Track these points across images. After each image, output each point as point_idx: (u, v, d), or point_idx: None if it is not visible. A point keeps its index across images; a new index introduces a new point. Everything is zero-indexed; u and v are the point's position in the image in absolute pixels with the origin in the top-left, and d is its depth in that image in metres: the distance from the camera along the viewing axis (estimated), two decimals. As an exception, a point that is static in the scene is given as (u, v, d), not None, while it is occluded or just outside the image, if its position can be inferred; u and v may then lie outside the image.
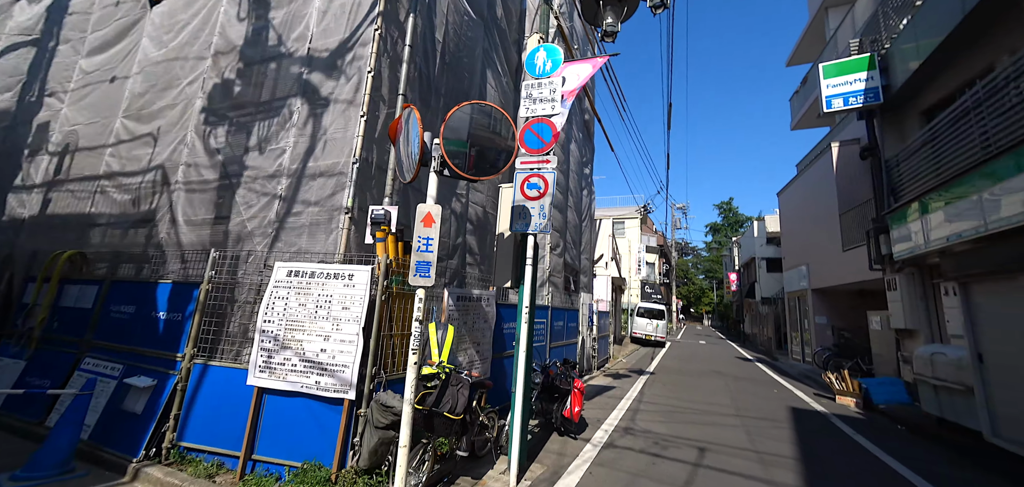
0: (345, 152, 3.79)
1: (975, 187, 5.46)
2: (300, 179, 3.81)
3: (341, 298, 3.17)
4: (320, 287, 3.21)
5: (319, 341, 3.08)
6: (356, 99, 3.93)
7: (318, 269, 3.26)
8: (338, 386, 2.97)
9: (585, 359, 9.98)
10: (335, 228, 3.63)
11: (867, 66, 8.64)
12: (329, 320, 3.12)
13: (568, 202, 9.55)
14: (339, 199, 3.68)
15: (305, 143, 3.91)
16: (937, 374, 5.65)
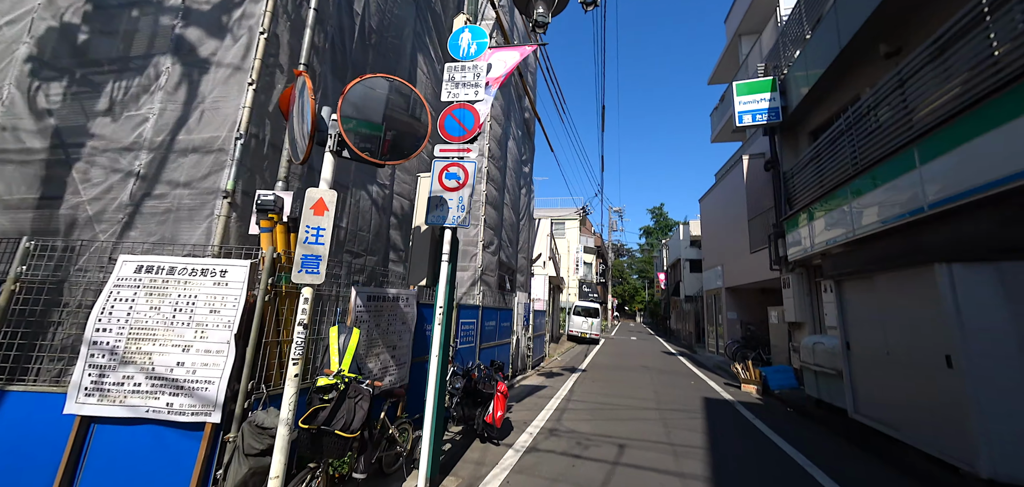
0: (227, 125, 3.18)
1: (846, 199, 6.30)
2: (166, 154, 3.12)
3: (209, 299, 2.61)
4: (181, 286, 2.61)
5: (176, 353, 2.49)
6: (245, 64, 3.34)
7: (180, 264, 2.66)
8: (198, 407, 2.42)
9: (519, 359, 9.93)
10: (210, 215, 3.02)
11: (770, 88, 9.70)
12: (191, 326, 2.55)
13: (504, 200, 9.41)
14: (216, 180, 3.08)
15: (175, 111, 3.22)
16: (817, 361, 6.42)
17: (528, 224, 12.58)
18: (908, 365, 4.53)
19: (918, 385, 4.38)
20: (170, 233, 2.98)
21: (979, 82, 4.10)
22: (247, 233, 3.16)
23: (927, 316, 4.23)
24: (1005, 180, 3.71)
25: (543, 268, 14.16)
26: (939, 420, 4.09)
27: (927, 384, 4.25)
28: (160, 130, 3.11)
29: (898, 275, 4.75)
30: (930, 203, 4.55)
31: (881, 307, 5.01)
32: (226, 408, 2.49)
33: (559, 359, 12.57)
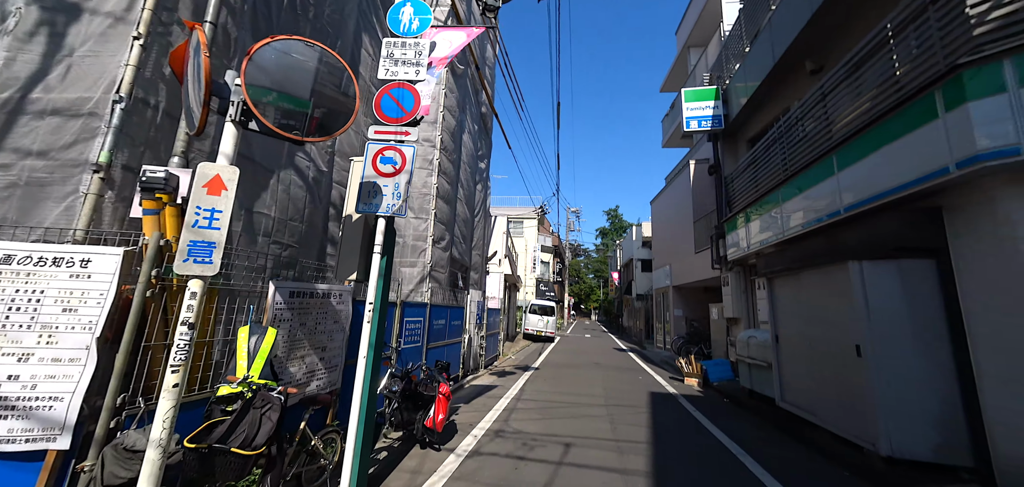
0: (102, 85, 2.64)
1: (776, 203, 6.75)
2: (14, 116, 2.52)
3: (62, 296, 2.11)
4: (20, 280, 2.09)
5: (8, 364, 1.98)
6: (130, 16, 2.80)
7: (18, 251, 2.13)
8: (37, 431, 1.94)
9: (472, 358, 9.68)
10: (74, 193, 2.48)
11: (714, 97, 10.26)
12: (34, 329, 2.05)
13: (458, 194, 9.11)
14: (84, 151, 2.54)
15: (30, 63, 2.60)
16: (751, 354, 6.83)
17: (484, 221, 12.35)
18: (826, 356, 4.88)
19: (834, 374, 4.73)
20: (15, 213, 2.39)
21: (884, 98, 4.49)
22: (129, 216, 2.64)
23: (842, 310, 4.58)
24: (905, 186, 4.08)
25: (499, 266, 14.00)
26: (849, 405, 4.43)
27: (841, 372, 4.59)
28: (5, 85, 2.50)
29: (820, 273, 5.11)
30: (846, 206, 4.94)
31: (806, 303, 5.38)
32: (82, 430, 2.02)
33: (513, 357, 12.47)
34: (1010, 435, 3.39)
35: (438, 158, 7.50)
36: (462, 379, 8.15)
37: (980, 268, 3.69)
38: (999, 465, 3.47)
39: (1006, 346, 3.46)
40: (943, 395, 3.81)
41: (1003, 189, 3.50)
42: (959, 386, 3.79)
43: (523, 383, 8.26)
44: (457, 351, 8.14)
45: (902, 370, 3.95)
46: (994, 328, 3.57)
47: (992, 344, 3.58)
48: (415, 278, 6.96)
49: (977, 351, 3.68)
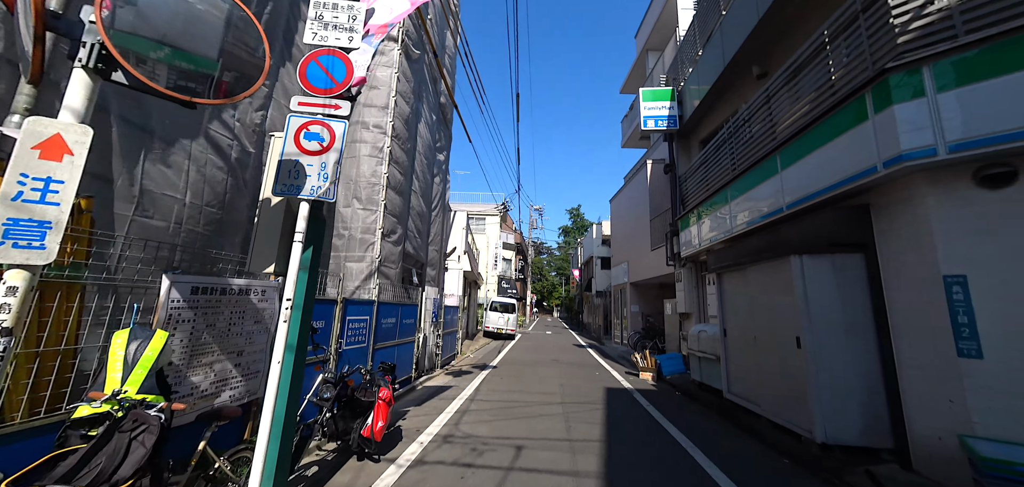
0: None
1: (725, 201, 6.98)
2: None
3: None
4: None
5: None
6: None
7: None
8: None
9: (427, 358, 9.25)
10: None
11: (670, 97, 10.54)
12: None
13: (413, 186, 8.64)
14: None
15: None
16: (701, 348, 7.02)
17: (442, 215, 11.90)
18: (770, 348, 5.05)
19: (777, 365, 4.90)
20: None
21: (821, 101, 4.69)
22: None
23: (785, 304, 4.74)
24: (839, 184, 4.27)
25: (458, 262, 13.60)
26: (790, 395, 4.60)
27: (783, 364, 4.76)
28: None
29: (765, 268, 5.28)
30: (788, 204, 5.13)
31: (752, 297, 5.55)
32: None
33: (472, 356, 12.16)
34: (923, 417, 3.62)
35: (389, 146, 7.01)
36: (415, 380, 7.73)
37: (900, 262, 3.92)
38: (914, 444, 3.70)
39: (920, 335, 3.69)
40: (869, 382, 4.02)
41: (920, 188, 3.72)
42: (882, 373, 4.01)
43: (479, 382, 7.99)
44: (409, 351, 7.70)
45: (836, 360, 4.13)
46: (910, 318, 3.80)
47: (909, 334, 3.81)
48: (362, 273, 6.45)
49: (897, 340, 3.91)
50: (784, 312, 4.76)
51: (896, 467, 3.73)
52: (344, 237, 6.48)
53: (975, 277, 3.34)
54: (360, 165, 6.73)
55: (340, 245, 6.47)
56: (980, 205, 3.40)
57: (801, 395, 4.35)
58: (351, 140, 6.83)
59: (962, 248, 3.43)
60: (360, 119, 6.88)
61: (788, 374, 4.64)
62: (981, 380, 3.21)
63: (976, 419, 3.18)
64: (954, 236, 3.48)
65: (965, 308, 3.34)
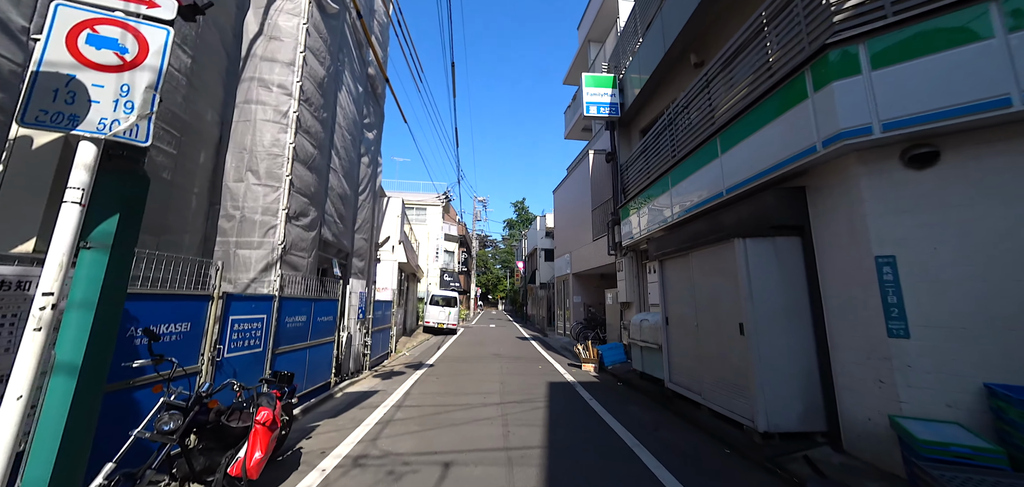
0: None
1: (665, 188, 6.92)
2: None
3: None
4: None
5: None
6: None
7: None
8: None
9: (352, 359, 8.18)
10: None
11: (611, 84, 10.46)
12: None
13: (332, 163, 7.47)
14: None
15: None
16: (643, 337, 6.91)
17: (372, 201, 10.71)
18: (712, 335, 4.95)
19: (718, 353, 4.81)
20: None
21: (761, 83, 4.62)
22: None
23: (728, 289, 4.63)
24: (778, 166, 4.20)
25: (392, 253, 12.46)
26: (732, 384, 4.50)
27: (725, 352, 4.66)
28: None
29: (708, 253, 5.18)
30: (728, 188, 5.06)
31: (694, 283, 5.44)
32: None
33: (407, 354, 11.20)
34: (854, 398, 3.64)
35: (296, 111, 5.84)
36: (335, 387, 6.69)
37: (834, 244, 3.93)
38: (845, 426, 3.72)
39: (853, 317, 3.70)
40: (807, 367, 4.00)
41: (853, 169, 3.71)
42: (817, 358, 4.02)
43: (411, 384, 7.16)
44: (327, 354, 6.62)
45: (778, 346, 4.06)
46: (843, 301, 3.81)
47: (841, 316, 3.82)
48: (260, 263, 5.28)
49: (831, 322, 3.93)
50: (726, 298, 4.66)
51: (829, 449, 3.72)
52: (234, 219, 5.24)
53: (903, 257, 3.37)
54: (257, 131, 5.50)
55: (229, 228, 5.22)
56: (907, 185, 3.43)
57: (744, 383, 4.25)
58: (245, 100, 5.56)
59: (891, 229, 3.45)
60: (257, 75, 5.62)
61: (730, 362, 4.54)
62: (908, 359, 3.23)
63: (904, 398, 3.19)
64: (884, 217, 3.49)
65: (894, 288, 3.35)
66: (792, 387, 3.97)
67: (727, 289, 4.62)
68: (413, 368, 8.99)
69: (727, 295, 4.62)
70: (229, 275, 5.07)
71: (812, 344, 4.03)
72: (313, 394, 5.94)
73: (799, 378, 3.98)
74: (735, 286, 4.41)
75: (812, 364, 4.00)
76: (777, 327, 4.09)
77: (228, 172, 5.32)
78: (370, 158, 10.53)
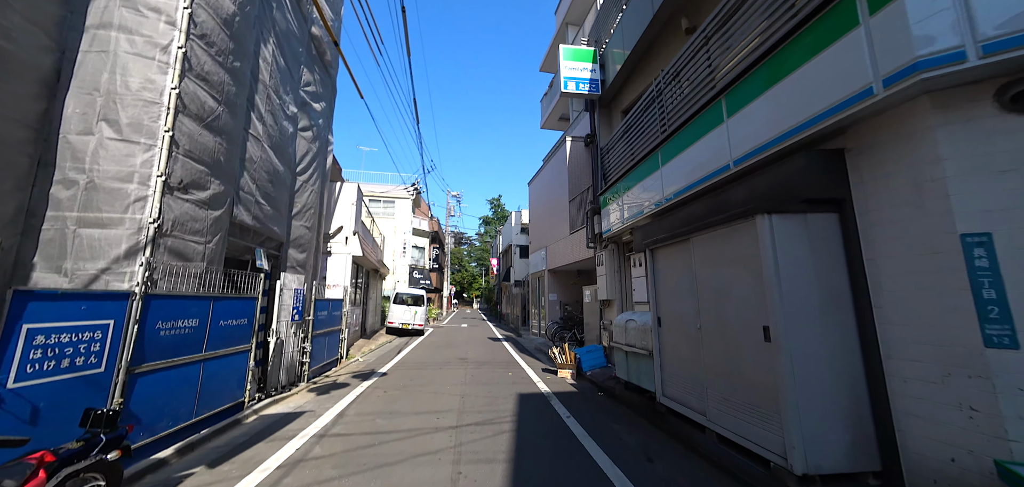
0: None
1: (655, 167, 5.89)
2: None
3: None
4: None
5: None
6: None
7: None
8: None
9: (283, 370, 6.74)
10: None
11: (592, 59, 9.44)
12: None
13: (253, 129, 6.02)
14: None
15: None
16: (628, 340, 5.89)
17: (320, 183, 9.21)
18: (720, 339, 3.95)
19: (730, 363, 3.80)
20: None
21: (779, 26, 3.65)
22: None
23: (742, 281, 3.63)
24: (813, 122, 3.22)
25: (346, 245, 10.96)
26: (749, 403, 3.50)
27: (739, 361, 3.65)
28: None
29: (715, 237, 4.17)
30: (738, 158, 4.05)
31: (695, 276, 4.43)
32: None
33: (361, 360, 9.76)
34: (923, 430, 2.68)
35: (183, 47, 4.37)
36: (249, 407, 5.26)
37: (890, 220, 2.97)
38: (910, 465, 2.76)
39: (917, 317, 2.76)
40: (851, 380, 3.04)
41: (925, 119, 2.75)
42: (864, 368, 3.06)
43: (350, 401, 5.83)
44: (236, 367, 5.18)
45: (813, 354, 3.07)
46: (903, 295, 2.86)
47: (902, 316, 2.87)
48: (118, 246, 3.80)
49: (883, 324, 2.97)
50: (741, 292, 3.65)
51: (887, 496, 2.77)
52: (76, 185, 3.73)
53: (1004, 235, 2.42)
54: (119, 68, 4.01)
55: (68, 199, 3.71)
56: (1008, 136, 2.49)
57: (768, 404, 3.25)
58: (100, 24, 4.04)
59: (984, 197, 2.50)
60: (121, -10, 4.11)
61: (746, 374, 3.53)
62: (1019, 379, 2.28)
63: (1013, 435, 2.25)
64: (973, 180, 2.54)
65: (992, 278, 2.40)
66: (834, 409, 2.99)
67: (742, 281, 3.61)
68: (362, 378, 7.62)
69: (742, 289, 3.61)
70: (64, 264, 3.58)
71: (857, 350, 3.07)
72: (209, 422, 4.52)
73: (842, 396, 3.01)
74: (754, 277, 3.40)
75: (858, 376, 3.04)
76: (812, 329, 3.11)
77: (69, 121, 3.80)
78: (316, 133, 9.03)
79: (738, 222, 3.70)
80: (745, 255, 3.55)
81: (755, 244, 3.38)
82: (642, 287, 6.49)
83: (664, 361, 4.95)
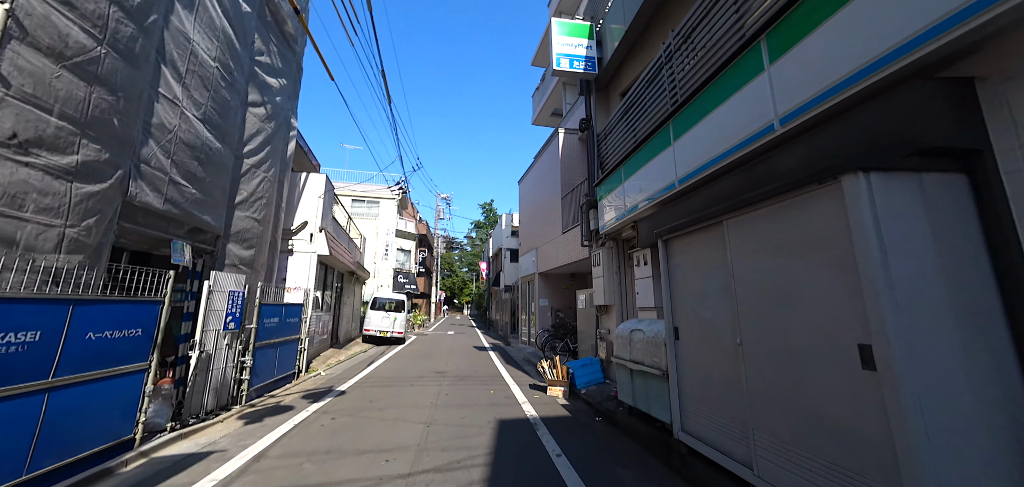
0: None
1: (666, 143, 4.80)
2: None
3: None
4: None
5: None
6: None
7: None
8: None
9: (210, 392, 5.46)
10: None
11: (588, 34, 8.40)
12: None
13: (171, 90, 4.81)
14: None
15: None
16: (634, 355, 4.74)
17: (277, 171, 7.98)
18: (777, 361, 2.81)
19: (794, 395, 2.65)
20: None
21: None
22: None
23: (818, 276, 2.49)
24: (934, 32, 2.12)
25: (310, 243, 9.69)
26: (834, 464, 2.35)
27: (813, 394, 2.51)
28: None
29: (762, 217, 3.05)
30: (786, 114, 2.96)
31: (732, 272, 3.29)
32: None
33: (323, 374, 8.46)
34: None
35: (31, -48, 3.16)
36: (135, 449, 3.97)
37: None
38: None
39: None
40: (1018, 439, 1.91)
41: None
42: None
43: (279, 436, 4.58)
44: (124, 393, 3.90)
45: (951, 395, 1.94)
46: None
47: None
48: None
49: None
50: (812, 293, 2.52)
51: None
52: None
53: None
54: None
55: None
56: None
57: (871, 467, 2.11)
58: None
59: None
60: None
61: (829, 417, 2.39)
62: None
63: None
64: None
65: None
66: (988, 473, 1.86)
67: (815, 276, 2.48)
68: (313, 399, 6.35)
69: (814, 287, 2.48)
70: None
71: (1019, 382, 1.95)
72: (58, 477, 3.23)
73: (1002, 463, 1.88)
74: (837, 270, 2.29)
75: (1016, 417, 1.92)
76: (944, 351, 1.99)
77: None
78: (270, 112, 7.82)
79: (809, 190, 2.58)
80: (819, 238, 2.43)
81: (838, 220, 2.26)
82: (647, 290, 5.36)
83: (684, 385, 3.80)
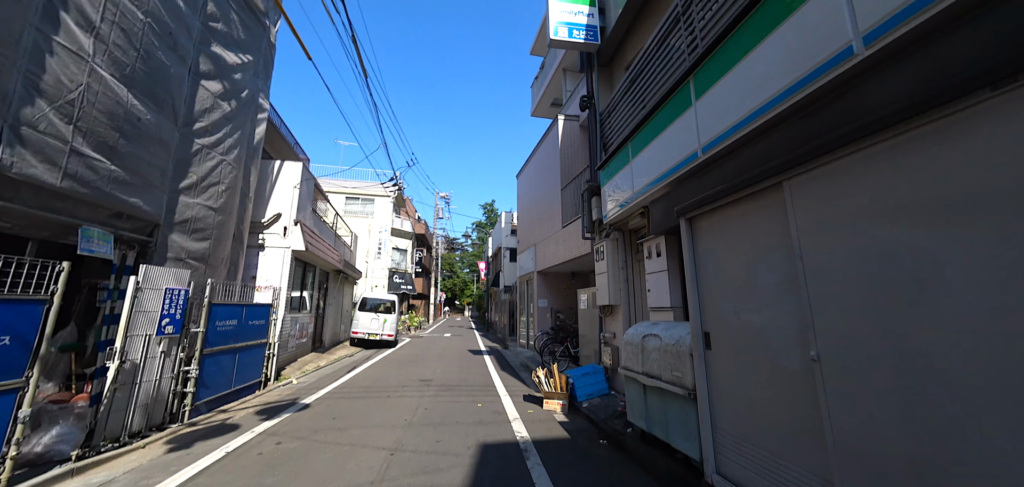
0: None
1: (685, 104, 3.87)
2: None
3: None
4: None
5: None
6: None
7: None
8: None
9: (134, 410, 4.58)
10: None
11: (590, 1, 7.49)
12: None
13: (57, 33, 3.94)
14: None
15: None
16: (647, 367, 3.79)
17: (240, 155, 7.13)
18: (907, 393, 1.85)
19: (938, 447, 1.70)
20: None
21: None
22: None
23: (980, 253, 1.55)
24: None
25: (284, 237, 8.81)
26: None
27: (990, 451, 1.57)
28: None
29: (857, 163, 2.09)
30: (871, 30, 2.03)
31: (798, 255, 2.33)
32: None
33: (295, 382, 7.57)
34: None
35: None
36: None
37: None
38: None
39: None
40: None
41: None
42: None
43: (201, 468, 3.68)
44: None
45: None
46: None
47: None
48: None
49: None
50: (972, 281, 1.57)
51: None
52: None
53: None
54: None
55: None
56: None
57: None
58: None
59: None
60: None
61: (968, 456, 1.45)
62: None
63: None
64: None
65: None
66: None
67: (977, 251, 1.54)
68: (268, 415, 5.45)
69: (979, 272, 1.54)
70: None
71: None
72: None
73: None
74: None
75: None
76: None
77: None
78: (230, 89, 6.96)
79: (976, 99, 1.63)
80: (993, 187, 1.49)
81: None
82: (661, 286, 4.43)
83: (718, 411, 2.85)
